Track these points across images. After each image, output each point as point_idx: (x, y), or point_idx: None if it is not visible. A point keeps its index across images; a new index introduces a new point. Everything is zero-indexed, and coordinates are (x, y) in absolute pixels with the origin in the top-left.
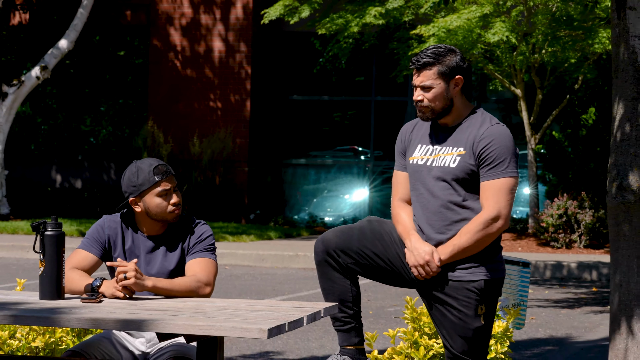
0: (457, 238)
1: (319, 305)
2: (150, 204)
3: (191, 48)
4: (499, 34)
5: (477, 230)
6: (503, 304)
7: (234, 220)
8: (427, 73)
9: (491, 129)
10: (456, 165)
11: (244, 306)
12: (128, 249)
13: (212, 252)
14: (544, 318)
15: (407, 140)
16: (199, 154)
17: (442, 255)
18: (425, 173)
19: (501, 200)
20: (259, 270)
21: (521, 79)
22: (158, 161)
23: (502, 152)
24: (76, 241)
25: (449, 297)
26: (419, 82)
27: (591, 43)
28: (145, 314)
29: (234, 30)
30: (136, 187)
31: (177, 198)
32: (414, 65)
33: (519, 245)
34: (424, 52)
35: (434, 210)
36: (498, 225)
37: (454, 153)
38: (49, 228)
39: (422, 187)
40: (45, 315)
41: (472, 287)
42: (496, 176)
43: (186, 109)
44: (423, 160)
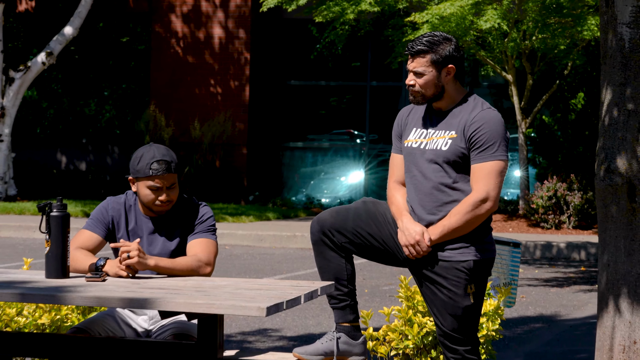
0: (447, 219)
1: (316, 284)
2: (140, 191)
3: (192, 35)
4: (491, 21)
5: (467, 212)
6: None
7: (233, 202)
8: (420, 60)
9: (482, 113)
10: (447, 148)
11: (243, 285)
12: (131, 230)
13: (213, 232)
14: (534, 296)
15: (404, 123)
16: (200, 137)
17: (432, 236)
18: (419, 156)
19: (490, 182)
20: (257, 250)
21: (512, 64)
22: (164, 155)
23: (492, 136)
24: (81, 222)
25: (439, 277)
26: (412, 68)
27: (580, 30)
28: (148, 292)
29: (233, 17)
30: (134, 171)
31: (166, 196)
32: (409, 52)
33: (510, 226)
34: (420, 39)
35: (425, 192)
36: (487, 206)
37: (446, 136)
38: (54, 209)
39: (415, 169)
40: (51, 294)
41: (462, 266)
42: (486, 159)
43: (187, 93)
44: (417, 144)
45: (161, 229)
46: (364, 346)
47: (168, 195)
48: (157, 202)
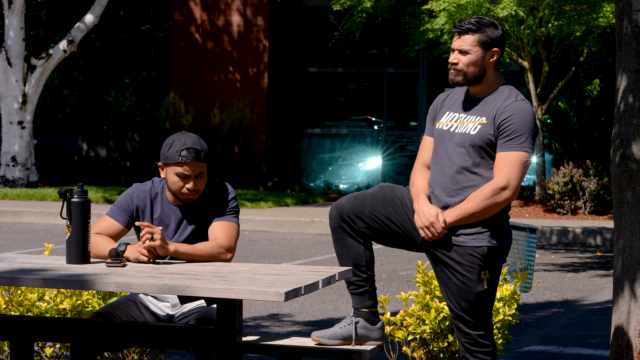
0: (465, 203)
1: (334, 269)
2: (168, 178)
3: (211, 22)
4: (508, 9)
5: (485, 198)
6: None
7: (252, 188)
8: (468, 38)
9: (515, 103)
10: (476, 132)
11: (261, 270)
12: (157, 218)
13: (235, 215)
14: (550, 281)
15: (439, 107)
16: (219, 124)
17: (449, 218)
18: (448, 138)
19: (512, 171)
20: (276, 236)
21: (528, 51)
22: (194, 144)
23: (520, 127)
24: (102, 207)
25: (453, 261)
26: (457, 46)
27: (595, 17)
28: (167, 277)
29: (252, 4)
30: (164, 157)
31: (193, 185)
32: (457, 30)
33: (526, 211)
34: (468, 19)
35: (448, 174)
36: (505, 195)
37: (476, 122)
38: (75, 195)
39: (442, 151)
40: (72, 279)
41: (476, 252)
42: (511, 148)
43: (206, 80)
44: (447, 126)
45: (190, 217)
46: (382, 331)
47: (195, 184)
48: (185, 190)
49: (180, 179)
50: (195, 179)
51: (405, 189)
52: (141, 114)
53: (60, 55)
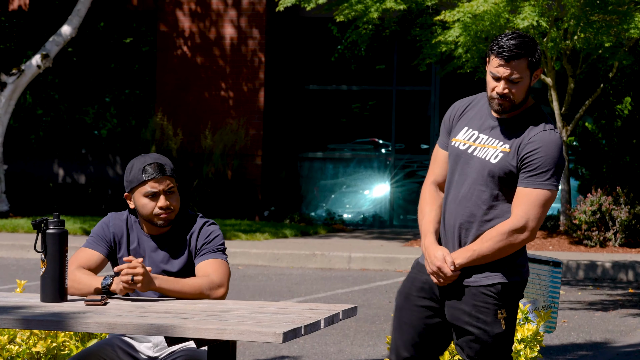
0: (479, 243)
1: (337, 307)
2: (137, 203)
3: (201, 34)
4: (529, 19)
5: (501, 239)
6: (533, 306)
7: (247, 217)
8: (517, 65)
9: (542, 134)
10: (497, 161)
11: (257, 308)
12: (133, 250)
13: (223, 252)
14: (577, 321)
15: (456, 118)
16: (211, 147)
17: (459, 259)
18: (464, 162)
19: (532, 211)
20: (273, 271)
21: (552, 66)
22: (156, 159)
23: (546, 162)
24: (80, 240)
25: (466, 305)
26: (508, 75)
27: (627, 28)
28: (153, 316)
29: (246, 15)
30: (128, 183)
31: (165, 202)
32: (502, 56)
33: (550, 243)
34: (509, 40)
35: (461, 202)
36: (523, 236)
37: (498, 147)
38: (50, 226)
39: (457, 173)
40: (47, 319)
41: (489, 291)
42: (534, 185)
43: (196, 99)
44: (465, 146)
45: (164, 248)
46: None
47: (167, 200)
48: (157, 210)
49: (150, 199)
50: (166, 194)
51: (414, 276)
52: (124, 136)
53: (33, 71)
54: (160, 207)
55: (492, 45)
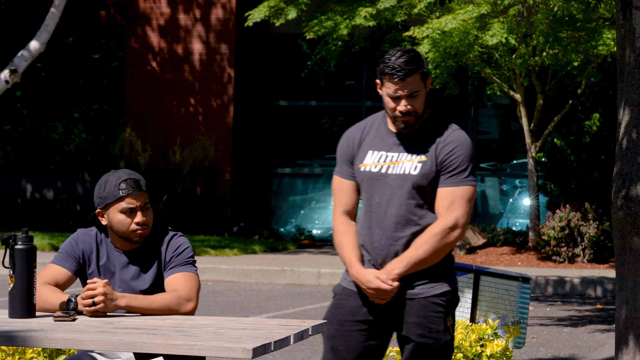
0: (414, 250)
1: (307, 322)
2: (113, 219)
3: (170, 50)
4: (497, 36)
5: (435, 241)
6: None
7: (216, 233)
8: (413, 80)
9: (455, 134)
10: (418, 172)
11: (227, 324)
12: (103, 265)
13: (192, 264)
14: (546, 337)
15: (356, 146)
16: (180, 162)
17: (398, 269)
18: (381, 182)
19: (459, 208)
20: (242, 286)
21: (521, 83)
22: (130, 174)
23: (465, 159)
24: (48, 255)
25: (417, 317)
26: (407, 92)
27: (595, 45)
28: (122, 332)
29: (215, 31)
30: (102, 199)
31: (142, 217)
32: (398, 76)
33: (519, 259)
34: (400, 59)
35: (390, 220)
36: (456, 234)
37: (414, 160)
38: (19, 241)
39: (376, 196)
40: (15, 335)
41: (440, 300)
42: (457, 183)
43: (165, 114)
44: (377, 168)
45: (136, 263)
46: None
47: (143, 215)
48: (134, 226)
49: (127, 215)
50: (142, 210)
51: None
52: (93, 152)
53: (1, 87)
54: (137, 223)
55: (383, 68)
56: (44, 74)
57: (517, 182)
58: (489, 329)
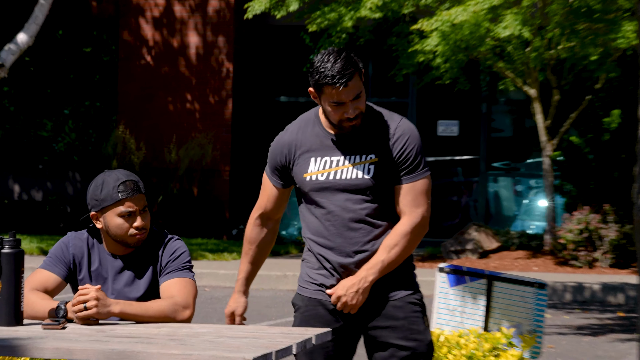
0: (384, 253)
1: (310, 331)
2: (110, 223)
3: (165, 43)
4: (510, 28)
5: (406, 241)
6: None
7: (214, 237)
8: (355, 83)
9: (402, 126)
10: (372, 175)
11: (225, 332)
12: (94, 271)
13: (189, 269)
14: (564, 346)
15: (292, 154)
16: (176, 161)
17: (372, 275)
18: (331, 190)
19: (423, 203)
20: None
21: (535, 77)
22: (129, 176)
23: (418, 150)
24: (37, 260)
25: (395, 320)
26: (352, 96)
27: (614, 37)
28: (115, 341)
29: (212, 23)
30: (98, 202)
31: (142, 221)
32: (340, 83)
33: (535, 264)
34: (336, 65)
35: (351, 227)
36: (424, 230)
37: (365, 162)
38: (5, 245)
39: (330, 204)
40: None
41: (414, 298)
42: (414, 178)
43: (161, 111)
44: (324, 175)
45: (130, 268)
46: None
47: (142, 219)
48: (132, 230)
49: (125, 219)
50: (141, 214)
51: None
52: (84, 151)
53: None
54: (136, 228)
55: (320, 78)
56: (32, 68)
57: (532, 183)
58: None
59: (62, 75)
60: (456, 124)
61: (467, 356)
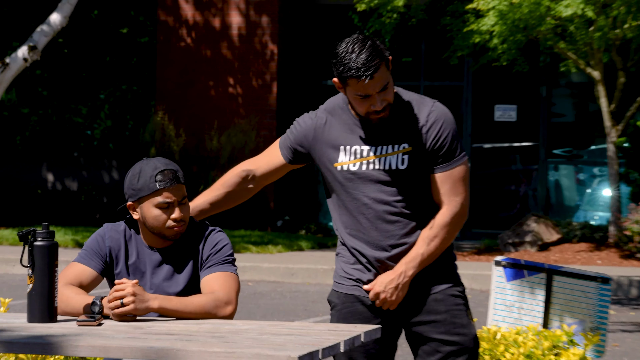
0: (423, 246)
1: (358, 328)
2: (147, 214)
3: (206, 24)
4: (573, 6)
5: (446, 232)
6: (580, 328)
7: (258, 228)
8: (381, 73)
9: (435, 111)
10: (406, 166)
11: (269, 329)
12: (132, 265)
13: (232, 263)
14: (630, 345)
15: (316, 139)
16: (217, 149)
17: (411, 270)
18: (364, 179)
19: (461, 191)
20: (287, 287)
21: (599, 59)
22: (167, 165)
23: (453, 136)
24: (72, 253)
25: (437, 314)
26: (379, 88)
27: None
28: (153, 338)
29: (255, 2)
30: (135, 191)
31: (180, 213)
32: (365, 75)
33: (598, 257)
34: (361, 56)
35: (387, 220)
36: (464, 219)
37: (399, 151)
38: (39, 237)
39: (363, 196)
40: (35, 342)
41: (456, 291)
42: (452, 165)
43: (201, 96)
44: (356, 166)
45: (170, 262)
46: None
47: (181, 212)
48: (170, 222)
49: (163, 211)
50: (180, 205)
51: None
52: (120, 138)
53: (19, 65)
54: (174, 220)
55: (344, 70)
56: (66, 50)
57: (596, 171)
58: (564, 335)
59: (98, 57)
60: (514, 108)
61: (526, 355)
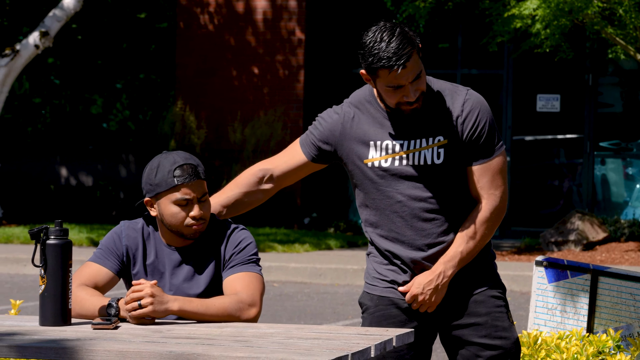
0: (462, 244)
1: (390, 332)
2: (164, 211)
3: (228, 8)
4: None
5: (485, 228)
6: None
7: (284, 226)
8: (413, 62)
9: (470, 100)
10: (442, 160)
11: (296, 333)
12: (150, 264)
13: (256, 263)
14: None
15: (343, 135)
16: (241, 142)
17: (450, 269)
18: (397, 176)
19: (501, 183)
20: (315, 288)
21: None
22: (187, 159)
23: (490, 125)
24: (87, 252)
25: (476, 317)
26: (412, 77)
27: None
28: (173, 342)
29: None
30: (152, 186)
31: (199, 211)
32: (398, 64)
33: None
34: (391, 45)
35: (422, 218)
36: (504, 213)
37: (433, 145)
38: (51, 235)
39: (396, 193)
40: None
41: (496, 292)
42: (489, 156)
43: (224, 85)
44: (388, 162)
45: (190, 261)
46: None
47: (201, 209)
48: (189, 220)
49: (182, 208)
50: (200, 202)
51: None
52: (138, 130)
53: (30, 52)
54: (193, 217)
55: (374, 61)
56: (80, 37)
57: None
58: (609, 340)
59: (114, 44)
60: (558, 98)
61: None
